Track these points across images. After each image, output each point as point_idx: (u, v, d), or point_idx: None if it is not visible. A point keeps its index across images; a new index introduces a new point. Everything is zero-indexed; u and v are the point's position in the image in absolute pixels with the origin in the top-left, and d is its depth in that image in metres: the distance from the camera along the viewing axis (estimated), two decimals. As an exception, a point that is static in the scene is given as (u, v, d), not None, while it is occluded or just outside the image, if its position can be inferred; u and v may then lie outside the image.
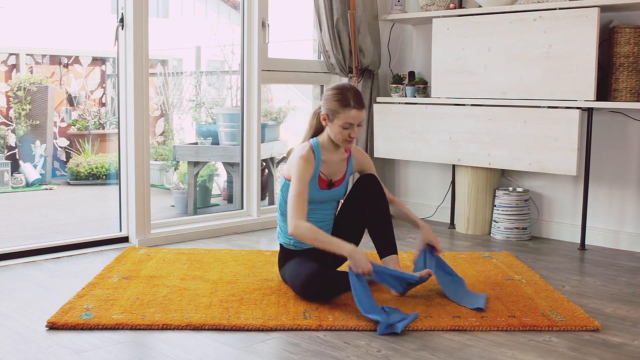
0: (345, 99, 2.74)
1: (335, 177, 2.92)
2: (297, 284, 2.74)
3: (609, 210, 3.95)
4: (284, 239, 2.95)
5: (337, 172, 2.92)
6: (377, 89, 4.65)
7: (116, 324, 2.47)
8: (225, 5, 8.73)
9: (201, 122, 6.01)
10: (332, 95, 2.78)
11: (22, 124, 6.43)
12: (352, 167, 2.99)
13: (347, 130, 2.77)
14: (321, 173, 2.86)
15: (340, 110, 2.74)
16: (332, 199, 2.94)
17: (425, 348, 2.32)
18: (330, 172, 2.90)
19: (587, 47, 3.58)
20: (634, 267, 3.48)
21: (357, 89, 2.81)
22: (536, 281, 3.10)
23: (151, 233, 3.83)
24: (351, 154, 2.98)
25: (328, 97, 2.79)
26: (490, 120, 3.96)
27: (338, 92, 2.77)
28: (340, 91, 2.77)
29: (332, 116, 2.77)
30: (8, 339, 2.37)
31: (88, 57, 7.04)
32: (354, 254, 2.59)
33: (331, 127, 2.80)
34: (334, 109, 2.76)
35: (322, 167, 2.86)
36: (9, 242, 3.84)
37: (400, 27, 4.79)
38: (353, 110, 2.74)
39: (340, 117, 2.75)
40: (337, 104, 2.75)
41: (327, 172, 2.89)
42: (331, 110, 2.77)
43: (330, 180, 2.90)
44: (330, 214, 2.98)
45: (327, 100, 2.79)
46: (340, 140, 2.81)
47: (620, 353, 2.31)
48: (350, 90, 2.78)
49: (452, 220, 4.47)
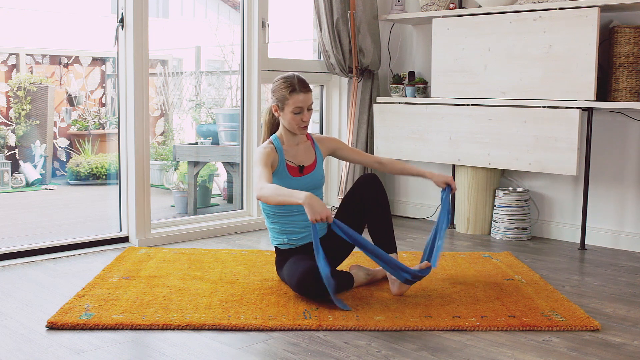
0: (290, 85, 2.85)
1: (306, 163, 2.97)
2: (293, 281, 2.75)
3: (609, 210, 3.95)
4: (277, 241, 2.98)
5: (305, 158, 2.98)
6: (377, 89, 4.65)
7: (116, 324, 2.47)
8: (225, 5, 8.73)
9: (201, 122, 6.01)
10: (278, 85, 2.88)
11: (22, 124, 6.42)
12: (320, 152, 3.05)
13: (299, 115, 2.86)
14: (288, 161, 2.92)
15: (287, 96, 2.84)
16: (313, 187, 2.96)
17: (425, 348, 2.32)
18: (298, 160, 2.96)
19: (587, 47, 3.58)
20: (634, 267, 3.48)
21: (301, 76, 2.91)
22: (536, 281, 3.10)
23: (151, 233, 3.83)
24: (314, 140, 3.05)
25: (275, 88, 2.89)
26: (490, 120, 3.96)
27: (283, 81, 2.88)
28: (284, 79, 2.88)
29: (282, 104, 2.86)
30: (8, 339, 2.37)
31: (88, 57, 7.03)
32: (309, 200, 2.54)
33: (283, 116, 2.89)
34: (282, 97, 2.85)
35: (287, 156, 2.93)
36: (9, 242, 3.84)
37: (400, 27, 4.79)
38: (300, 94, 2.84)
39: (289, 102, 2.84)
40: (284, 91, 2.85)
41: (294, 159, 2.94)
42: (280, 99, 2.86)
43: (300, 166, 2.95)
44: None
45: (274, 92, 2.89)
46: (295, 127, 2.89)
47: (620, 353, 2.31)
48: (294, 77, 2.88)
49: (452, 220, 4.47)
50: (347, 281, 2.85)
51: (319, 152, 3.04)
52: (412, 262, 3.40)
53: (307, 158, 2.99)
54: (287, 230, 2.93)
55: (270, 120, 3.02)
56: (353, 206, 2.98)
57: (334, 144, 3.12)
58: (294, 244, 2.94)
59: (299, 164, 2.95)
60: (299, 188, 2.86)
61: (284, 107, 2.86)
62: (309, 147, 3.02)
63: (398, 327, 2.48)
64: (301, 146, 2.99)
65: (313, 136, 3.07)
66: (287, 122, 2.89)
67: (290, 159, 2.93)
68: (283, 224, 2.93)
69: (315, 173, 2.99)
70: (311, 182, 2.96)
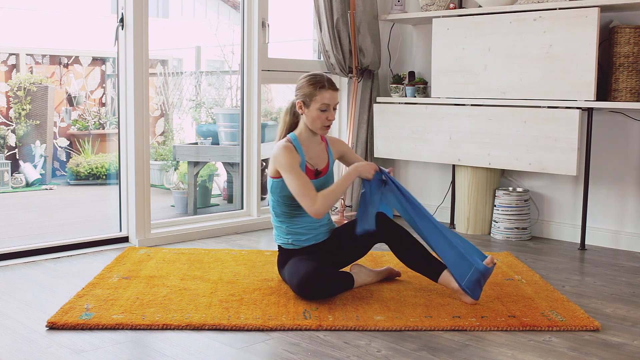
0: (319, 82, 2.83)
1: (320, 166, 2.95)
2: (295, 282, 2.74)
3: (609, 210, 3.95)
4: (282, 240, 2.96)
5: (320, 161, 2.96)
6: (377, 89, 4.65)
7: (116, 324, 2.47)
8: (225, 5, 8.73)
9: (201, 122, 6.01)
10: (306, 81, 2.86)
11: (22, 124, 6.42)
12: (332, 155, 3.02)
13: (325, 113, 2.83)
14: (308, 163, 2.89)
15: (316, 92, 2.81)
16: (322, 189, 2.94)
17: (425, 348, 2.32)
18: (314, 162, 2.93)
19: (587, 47, 3.58)
20: (634, 267, 3.48)
21: (330, 78, 2.89)
22: (536, 281, 3.10)
23: (151, 233, 3.83)
24: (328, 143, 3.02)
25: (302, 85, 2.86)
26: (490, 120, 3.96)
27: (311, 77, 2.86)
28: (312, 76, 2.86)
29: (309, 100, 2.83)
30: (8, 339, 2.37)
31: (88, 57, 7.03)
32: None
33: (308, 113, 2.85)
34: (309, 93, 2.82)
35: (307, 157, 2.90)
36: (9, 242, 3.84)
37: (400, 27, 4.79)
38: (329, 90, 2.82)
39: (317, 99, 2.81)
40: (312, 87, 2.82)
41: (312, 161, 2.92)
42: (307, 95, 2.83)
43: (316, 169, 2.93)
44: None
45: (301, 88, 2.86)
46: (319, 126, 2.86)
47: (620, 353, 2.31)
48: (322, 75, 2.86)
49: (452, 220, 4.47)
50: (347, 281, 2.84)
51: (331, 155, 3.01)
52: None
53: (321, 160, 2.96)
54: (293, 231, 2.92)
55: (290, 121, 2.96)
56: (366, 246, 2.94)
57: (344, 147, 3.08)
58: (299, 245, 2.93)
59: (314, 167, 2.92)
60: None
61: (311, 103, 2.82)
62: (323, 149, 2.99)
63: (398, 327, 2.48)
64: (317, 147, 2.95)
65: (327, 138, 3.03)
66: (310, 120, 2.85)
67: (309, 160, 2.90)
68: (290, 224, 2.91)
69: (328, 176, 2.97)
70: (323, 185, 2.93)
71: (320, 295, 2.72)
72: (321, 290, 2.71)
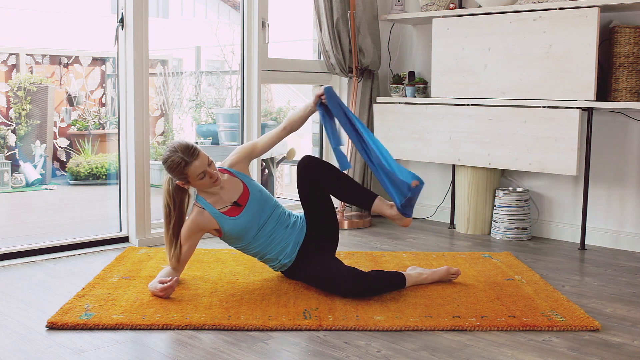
0: (180, 162, 2.74)
1: (236, 196, 2.91)
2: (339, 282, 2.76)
3: (609, 210, 3.95)
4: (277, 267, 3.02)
5: (233, 193, 2.91)
6: (377, 89, 4.65)
7: (116, 324, 2.47)
8: (225, 5, 8.74)
9: (201, 122, 6.01)
10: (169, 167, 2.77)
11: (22, 124, 6.43)
12: (242, 174, 2.99)
13: (206, 177, 2.79)
14: (221, 210, 2.88)
15: (185, 171, 2.75)
16: (262, 205, 2.94)
17: (425, 348, 2.32)
18: (228, 198, 2.90)
19: (587, 47, 3.58)
20: (634, 267, 3.48)
21: (182, 144, 2.79)
22: (536, 281, 3.10)
23: (151, 233, 3.83)
24: (229, 170, 2.98)
25: (168, 170, 2.78)
26: (490, 120, 3.96)
27: (170, 161, 2.75)
28: (171, 160, 2.75)
29: (185, 180, 2.79)
30: (8, 339, 2.37)
31: (88, 57, 7.04)
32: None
33: (193, 185, 2.83)
34: (180, 174, 2.77)
35: (217, 205, 2.88)
36: (9, 242, 3.84)
37: (400, 27, 4.79)
38: (194, 162, 2.75)
39: (190, 174, 2.76)
40: (178, 169, 2.75)
41: (225, 204, 2.89)
42: (180, 177, 2.79)
43: (234, 202, 2.90)
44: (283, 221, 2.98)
45: (171, 173, 2.79)
46: (209, 187, 2.84)
47: (620, 353, 2.31)
48: (176, 151, 2.75)
49: (452, 220, 4.47)
50: (399, 281, 2.88)
51: (241, 175, 2.98)
52: (411, 262, 3.40)
53: (235, 191, 2.92)
54: (272, 258, 2.97)
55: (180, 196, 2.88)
56: (311, 192, 2.96)
57: (245, 154, 3.04)
58: (289, 261, 2.96)
59: (231, 203, 2.90)
60: (251, 218, 2.90)
61: (188, 179, 2.79)
62: (230, 179, 2.95)
63: (398, 327, 2.48)
64: (226, 184, 2.92)
65: (226, 167, 2.99)
66: (199, 188, 2.86)
67: (221, 206, 2.89)
68: (259, 251, 2.97)
69: (253, 195, 2.94)
70: (258, 204, 2.93)
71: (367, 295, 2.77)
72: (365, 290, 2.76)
